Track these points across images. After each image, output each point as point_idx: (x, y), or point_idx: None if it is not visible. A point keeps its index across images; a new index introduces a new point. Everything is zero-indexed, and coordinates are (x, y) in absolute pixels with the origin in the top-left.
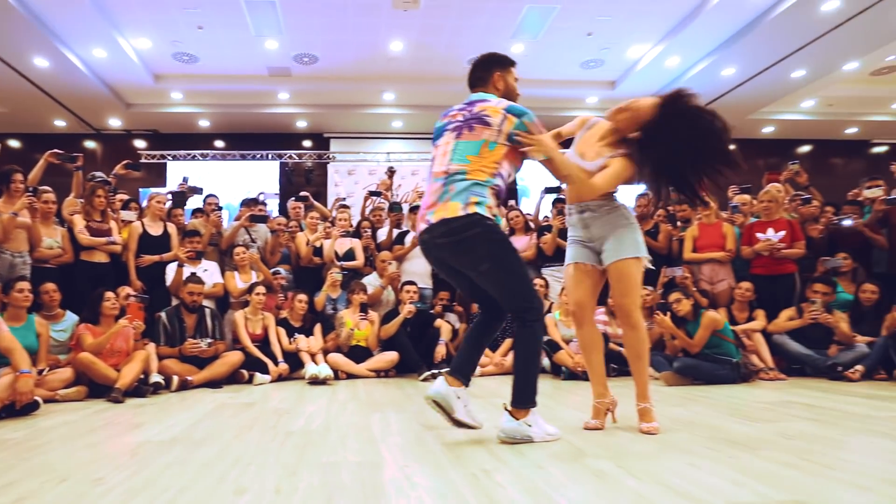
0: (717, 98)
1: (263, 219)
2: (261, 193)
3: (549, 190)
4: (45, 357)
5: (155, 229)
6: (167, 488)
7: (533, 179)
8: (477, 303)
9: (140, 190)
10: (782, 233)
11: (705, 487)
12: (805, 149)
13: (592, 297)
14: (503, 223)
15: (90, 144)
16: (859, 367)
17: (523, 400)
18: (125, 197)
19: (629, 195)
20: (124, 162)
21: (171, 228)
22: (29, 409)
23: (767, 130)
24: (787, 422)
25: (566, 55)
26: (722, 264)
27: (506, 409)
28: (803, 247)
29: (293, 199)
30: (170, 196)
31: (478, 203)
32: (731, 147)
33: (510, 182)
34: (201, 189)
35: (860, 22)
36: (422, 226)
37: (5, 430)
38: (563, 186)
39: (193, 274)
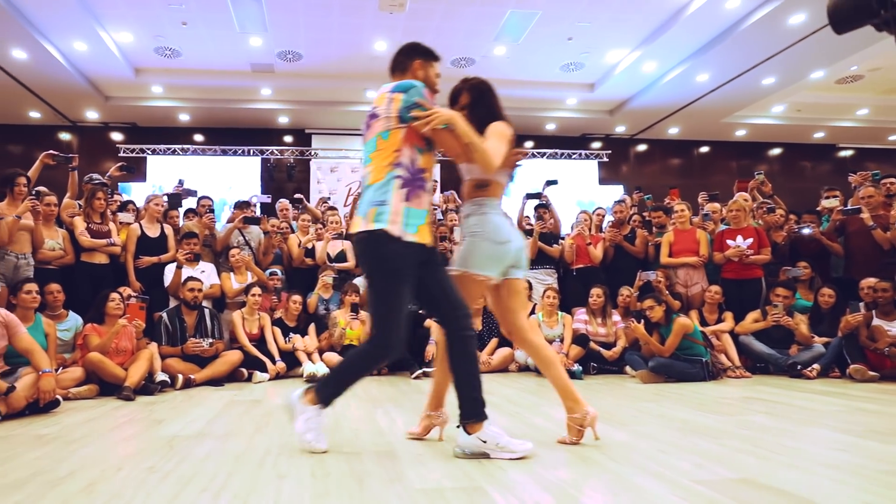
0: (692, 102)
1: (256, 220)
2: (253, 196)
3: (530, 196)
4: (54, 356)
5: (152, 231)
6: (216, 475)
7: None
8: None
9: (119, 185)
10: (750, 240)
11: (673, 469)
12: (776, 151)
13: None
14: (431, 214)
15: (65, 136)
16: (816, 366)
17: (469, 414)
18: (122, 199)
19: (607, 200)
20: (119, 164)
21: (168, 230)
22: (50, 406)
23: (740, 133)
24: (745, 415)
25: (547, 58)
26: (696, 268)
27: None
28: (769, 253)
29: (283, 200)
30: (166, 198)
31: (377, 216)
32: None
33: (418, 170)
34: (196, 192)
35: (825, 34)
36: None
37: (36, 427)
38: (544, 192)
39: (191, 277)
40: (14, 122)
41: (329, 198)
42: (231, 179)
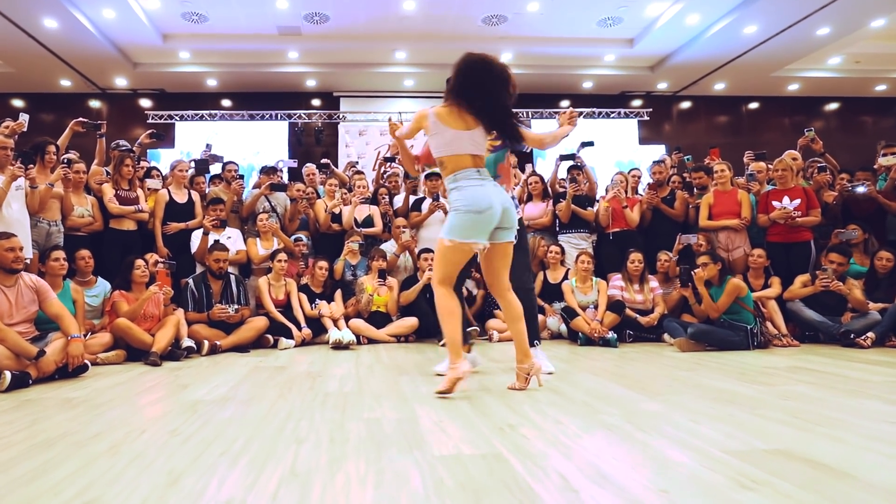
0: (739, 56)
1: (283, 187)
2: (280, 161)
3: (564, 157)
4: (83, 322)
5: (180, 197)
6: (236, 438)
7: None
8: None
9: (147, 152)
10: (797, 201)
11: (702, 438)
12: (832, 106)
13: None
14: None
15: (95, 104)
16: (871, 335)
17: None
18: (149, 165)
19: (648, 160)
20: (148, 132)
21: (196, 196)
22: (79, 370)
23: (793, 88)
24: (787, 385)
25: (583, 13)
26: (737, 231)
27: None
28: (819, 214)
29: (309, 165)
30: (192, 163)
31: None
32: None
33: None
34: (222, 157)
35: None
36: None
37: (65, 391)
38: (578, 154)
39: (217, 241)
40: (45, 91)
41: (357, 162)
42: (259, 144)
